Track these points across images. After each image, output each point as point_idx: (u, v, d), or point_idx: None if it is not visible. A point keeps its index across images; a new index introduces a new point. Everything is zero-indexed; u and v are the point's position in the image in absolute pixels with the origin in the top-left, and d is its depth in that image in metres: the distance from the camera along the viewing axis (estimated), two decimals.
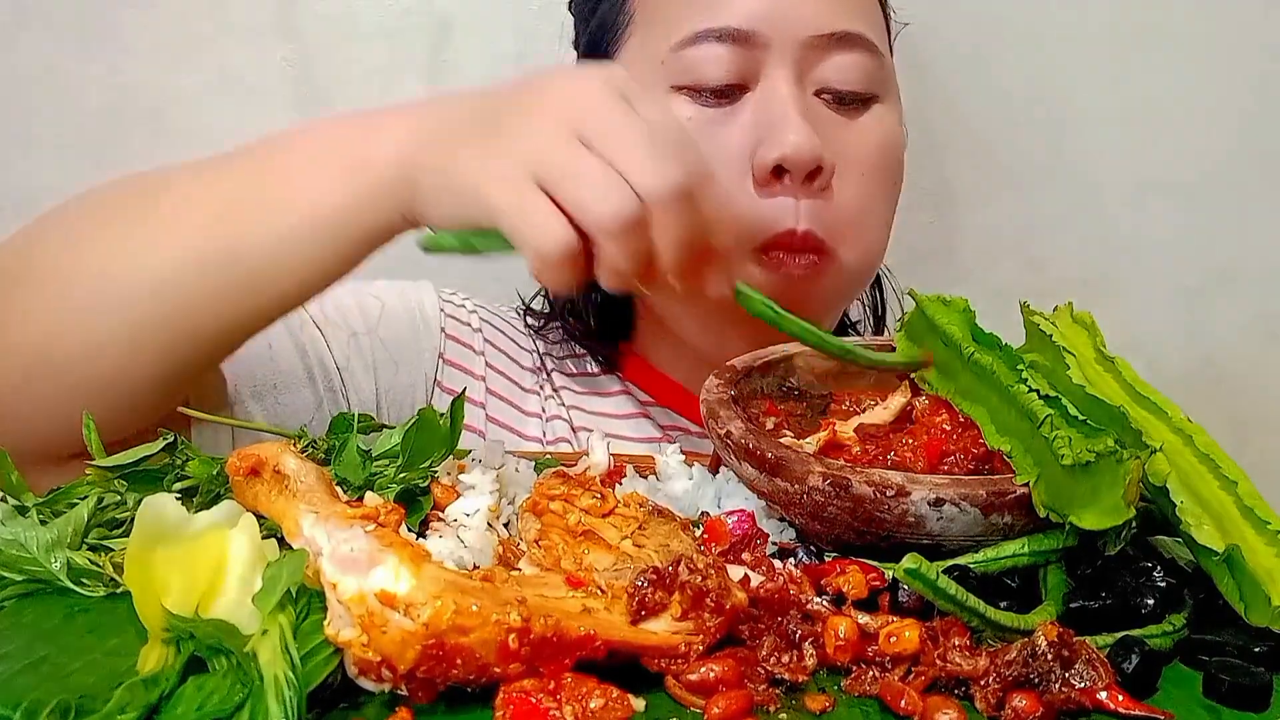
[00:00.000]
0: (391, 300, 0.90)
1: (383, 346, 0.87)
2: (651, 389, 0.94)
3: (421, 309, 0.91)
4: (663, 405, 0.94)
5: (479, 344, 0.92)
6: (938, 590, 0.46)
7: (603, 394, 0.95)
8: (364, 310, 0.88)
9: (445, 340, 0.91)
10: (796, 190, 0.78)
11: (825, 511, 0.53)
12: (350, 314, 0.87)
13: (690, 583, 0.46)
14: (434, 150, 0.62)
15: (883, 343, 0.69)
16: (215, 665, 0.42)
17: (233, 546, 0.48)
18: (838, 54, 0.81)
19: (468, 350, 0.91)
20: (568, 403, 0.94)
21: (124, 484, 0.58)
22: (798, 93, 0.80)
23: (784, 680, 0.45)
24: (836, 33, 0.80)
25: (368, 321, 0.87)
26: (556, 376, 0.95)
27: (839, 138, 0.81)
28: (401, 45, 1.13)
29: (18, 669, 0.44)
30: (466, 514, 0.57)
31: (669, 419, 0.93)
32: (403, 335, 0.89)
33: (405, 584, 0.42)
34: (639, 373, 0.95)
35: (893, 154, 0.86)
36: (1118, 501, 0.47)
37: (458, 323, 0.92)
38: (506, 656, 0.42)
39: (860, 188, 0.82)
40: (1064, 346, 0.58)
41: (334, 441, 0.63)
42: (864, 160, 0.82)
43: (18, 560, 0.51)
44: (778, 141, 0.77)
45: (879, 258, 0.89)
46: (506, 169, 0.57)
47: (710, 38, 0.80)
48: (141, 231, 0.67)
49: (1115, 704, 0.43)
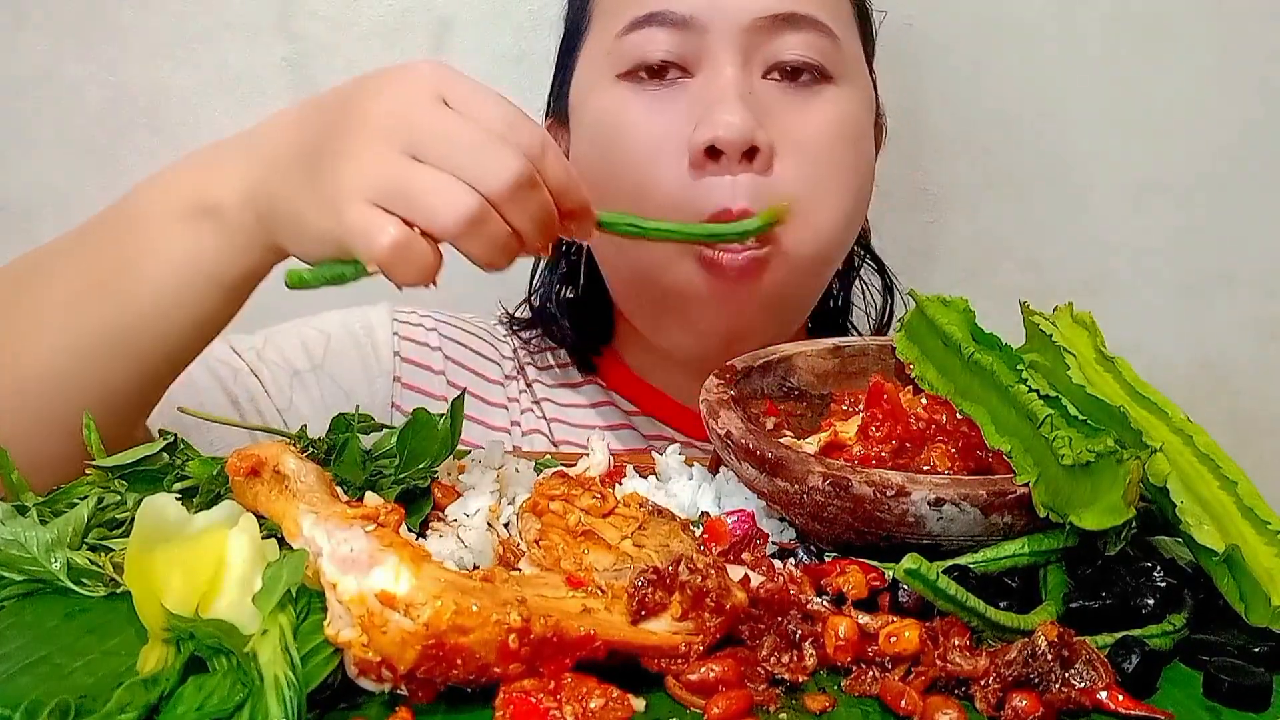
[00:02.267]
0: (337, 331, 0.89)
1: (331, 380, 0.87)
2: (635, 397, 0.93)
3: (371, 336, 0.90)
4: (646, 414, 0.92)
5: (438, 363, 0.91)
6: (938, 590, 0.46)
7: (586, 404, 0.94)
8: (307, 347, 0.87)
9: (400, 364, 0.90)
10: (731, 170, 0.77)
11: (825, 511, 0.53)
12: (292, 353, 0.86)
13: (690, 583, 0.46)
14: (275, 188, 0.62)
15: (883, 343, 0.69)
16: (215, 665, 0.42)
17: (233, 546, 0.48)
18: (788, 34, 0.80)
19: (425, 371, 0.90)
20: (549, 414, 0.93)
21: (124, 484, 0.58)
22: (740, 76, 0.79)
23: (784, 680, 0.45)
24: (782, 14, 0.79)
25: (312, 358, 0.87)
26: (538, 388, 0.94)
27: (786, 118, 0.80)
28: (401, 45, 1.13)
29: (18, 669, 0.44)
30: (466, 514, 0.57)
31: (653, 428, 0.92)
32: (351, 366, 0.88)
33: (405, 584, 0.42)
34: (621, 380, 0.94)
35: (847, 138, 0.83)
36: (1118, 501, 0.47)
37: (413, 344, 0.91)
38: (506, 656, 0.42)
39: (806, 169, 0.80)
40: (1064, 346, 0.58)
41: (334, 441, 0.63)
42: (812, 141, 0.80)
43: (18, 560, 0.51)
44: (710, 123, 0.76)
45: (836, 246, 0.85)
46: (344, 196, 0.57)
47: (652, 22, 0.80)
48: (17, 326, 0.67)
49: (1115, 704, 0.43)
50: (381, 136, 0.58)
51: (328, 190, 0.58)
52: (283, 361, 0.86)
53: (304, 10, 1.12)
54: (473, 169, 0.57)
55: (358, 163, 0.58)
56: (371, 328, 0.90)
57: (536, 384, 0.94)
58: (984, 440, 0.56)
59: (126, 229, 0.67)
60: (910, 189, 1.16)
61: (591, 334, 0.94)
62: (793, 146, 0.79)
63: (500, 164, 0.57)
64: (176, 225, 0.65)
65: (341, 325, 0.90)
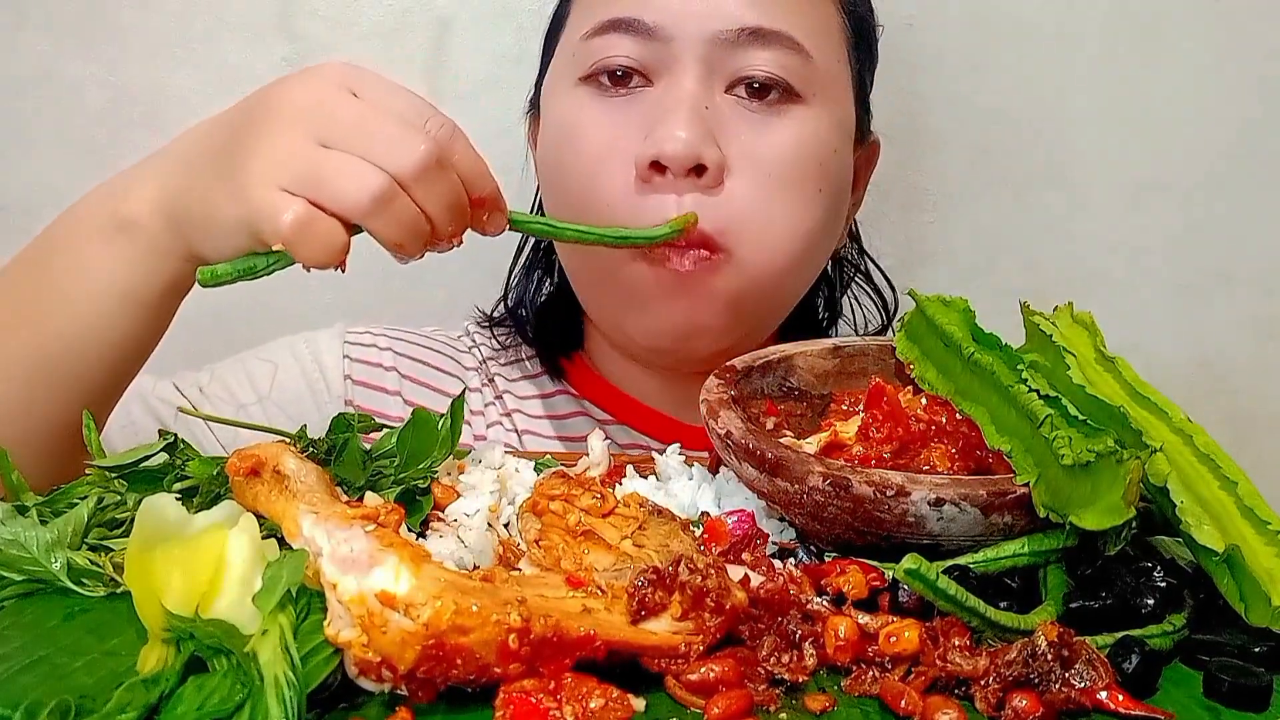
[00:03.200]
0: (285, 360, 0.88)
1: (279, 410, 0.86)
2: (608, 406, 0.92)
3: (319, 361, 0.89)
4: (621, 423, 0.91)
5: (392, 383, 0.90)
6: (938, 590, 0.46)
7: (557, 415, 0.93)
8: (252, 379, 0.87)
9: (351, 386, 0.88)
10: (678, 186, 0.76)
11: (825, 511, 0.53)
12: (236, 387, 0.86)
13: (690, 583, 0.46)
14: (187, 189, 0.63)
15: (883, 343, 0.69)
16: (215, 665, 0.42)
17: (233, 546, 0.48)
18: (755, 50, 0.78)
19: (379, 393, 0.89)
20: (520, 426, 0.91)
21: (124, 484, 0.58)
22: (699, 90, 0.77)
23: (784, 680, 0.45)
24: (748, 28, 0.77)
25: (258, 390, 0.86)
26: (509, 399, 0.93)
27: (744, 135, 0.78)
28: (401, 45, 1.13)
29: (18, 669, 0.44)
30: (467, 514, 0.57)
31: (628, 437, 0.91)
32: (300, 394, 0.87)
33: (405, 584, 0.42)
34: (593, 388, 0.93)
35: (809, 158, 0.80)
36: (1118, 501, 0.47)
37: (365, 365, 0.90)
38: (506, 656, 0.42)
39: (760, 188, 0.78)
40: (1064, 346, 0.58)
41: (334, 442, 0.63)
42: (770, 161, 0.78)
43: (18, 560, 0.51)
44: (657, 137, 0.75)
45: (796, 262, 0.82)
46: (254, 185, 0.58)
47: (615, 28, 0.79)
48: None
49: (1115, 704, 0.43)
50: (290, 126, 0.59)
51: (238, 179, 0.59)
52: (228, 396, 0.85)
53: (304, 10, 1.12)
54: (380, 150, 0.58)
55: (268, 151, 0.59)
56: (320, 353, 0.89)
57: (507, 395, 0.93)
58: (984, 440, 0.56)
59: (48, 253, 0.67)
60: (910, 189, 1.16)
61: (561, 336, 0.93)
62: (748, 164, 0.78)
63: (408, 146, 0.58)
64: (93, 245, 0.65)
65: (289, 353, 0.89)
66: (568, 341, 0.94)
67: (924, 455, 0.57)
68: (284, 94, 0.61)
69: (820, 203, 0.81)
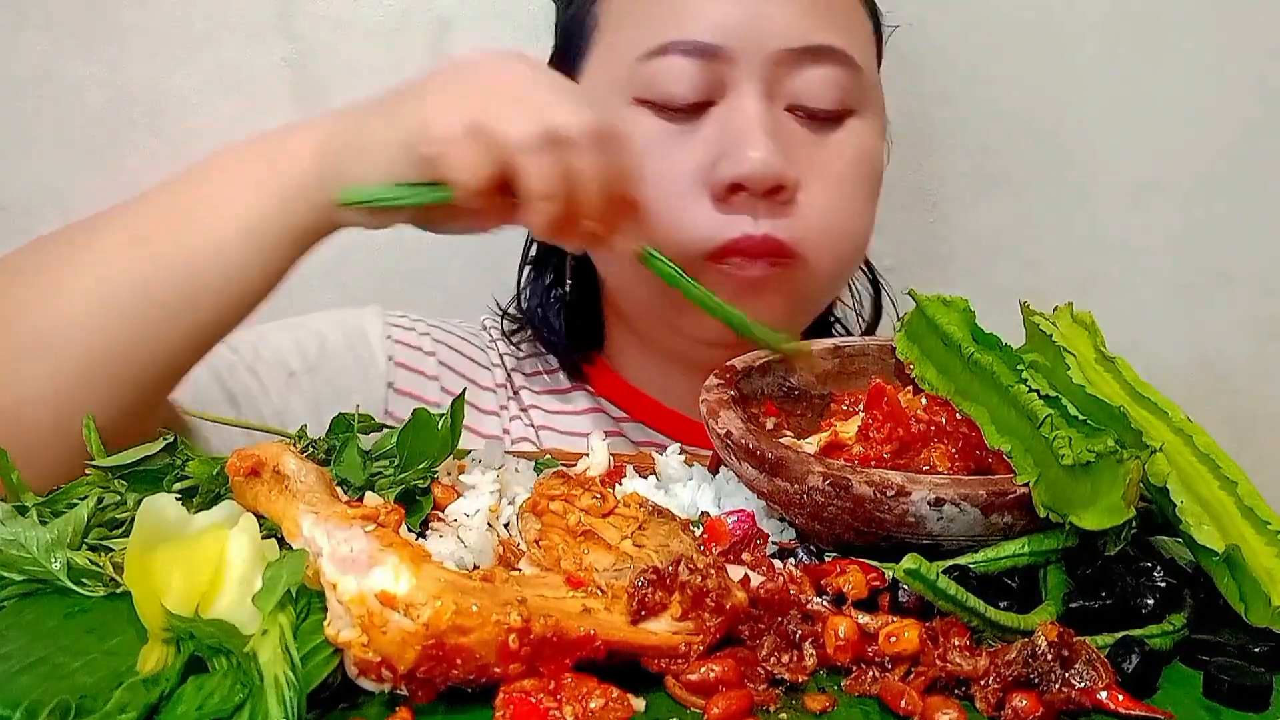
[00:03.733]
0: (332, 334, 0.88)
1: (326, 382, 0.85)
2: (624, 403, 0.92)
3: (365, 339, 0.89)
4: (636, 420, 0.91)
5: (431, 368, 0.90)
6: (938, 590, 0.46)
7: (574, 411, 0.93)
8: (302, 348, 0.86)
9: (393, 368, 0.88)
10: (755, 206, 0.77)
11: (825, 511, 0.53)
12: (288, 354, 0.85)
13: (690, 583, 0.46)
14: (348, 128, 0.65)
15: (883, 343, 0.69)
16: (215, 665, 0.42)
17: (233, 546, 0.48)
18: (810, 68, 0.78)
19: (419, 376, 0.89)
20: (537, 422, 0.92)
21: (124, 484, 0.58)
22: (764, 108, 0.78)
23: (784, 680, 0.45)
24: (809, 46, 0.78)
25: (306, 360, 0.86)
26: (525, 394, 0.93)
27: (809, 154, 0.79)
28: (401, 45, 1.13)
29: (18, 669, 0.44)
30: (467, 514, 0.57)
31: (643, 434, 0.91)
32: (346, 369, 0.87)
33: (405, 584, 0.42)
34: (610, 386, 0.93)
35: (867, 167, 0.83)
36: (1118, 501, 0.47)
37: (407, 348, 0.90)
38: (506, 656, 0.42)
39: (829, 201, 0.80)
40: (1064, 346, 0.58)
41: (334, 442, 0.63)
42: (835, 175, 0.80)
43: (18, 560, 0.51)
44: (737, 159, 0.76)
45: (853, 264, 0.88)
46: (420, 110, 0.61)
47: (676, 51, 0.77)
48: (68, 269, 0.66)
49: (1115, 704, 0.43)
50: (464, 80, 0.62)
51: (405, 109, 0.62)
52: (278, 361, 0.85)
53: (304, 10, 1.12)
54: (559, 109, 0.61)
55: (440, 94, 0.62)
56: (365, 331, 0.89)
57: (524, 391, 0.93)
58: (984, 440, 0.56)
59: (189, 187, 0.68)
60: (910, 189, 1.16)
61: (582, 339, 0.93)
62: (815, 179, 0.79)
63: (578, 111, 0.61)
64: (242, 182, 0.66)
65: (336, 327, 0.89)
66: (587, 343, 0.94)
67: (924, 455, 0.57)
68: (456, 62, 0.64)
69: (872, 206, 0.86)
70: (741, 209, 0.77)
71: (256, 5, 1.12)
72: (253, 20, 1.12)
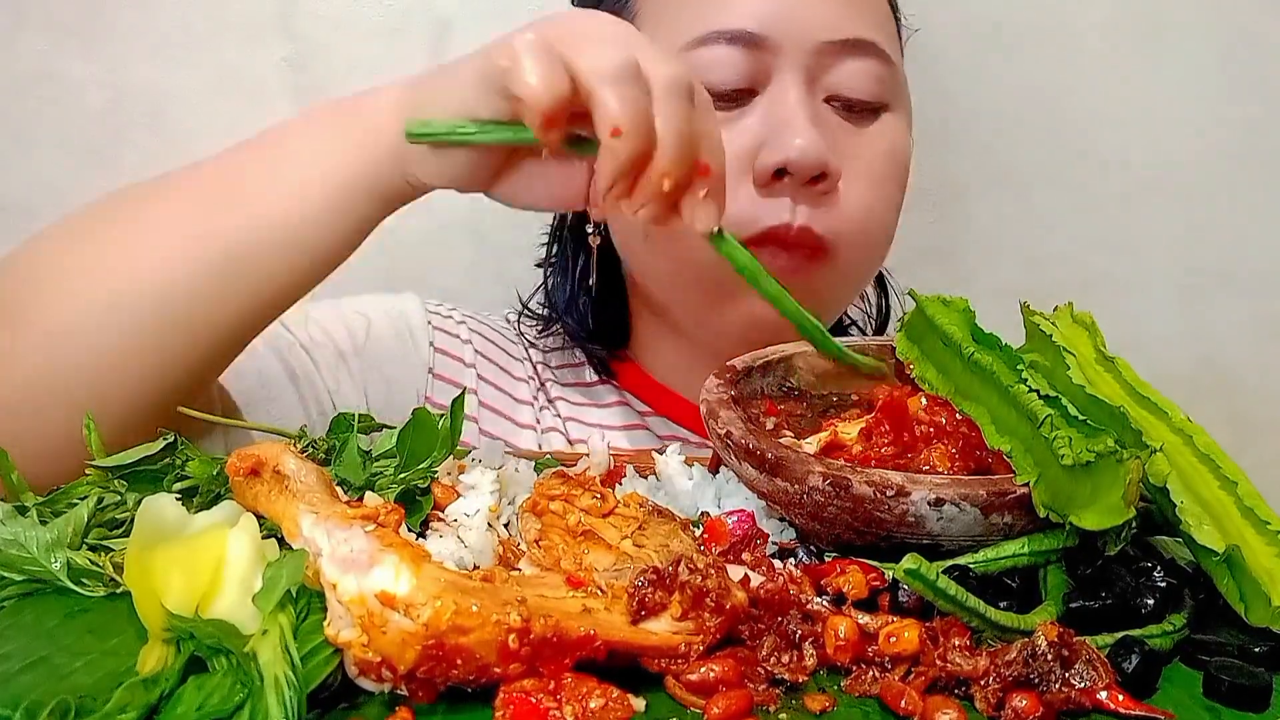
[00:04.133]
0: (377, 317, 0.88)
1: (373, 366, 0.86)
2: (649, 398, 0.93)
3: (409, 324, 0.89)
4: (661, 414, 0.92)
5: (469, 356, 0.90)
6: (938, 590, 0.46)
7: (600, 404, 0.93)
8: (350, 330, 0.86)
9: (434, 354, 0.89)
10: (796, 192, 0.78)
11: (825, 511, 0.53)
12: (337, 335, 0.85)
13: (690, 583, 0.46)
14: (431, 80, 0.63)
15: (883, 343, 0.69)
16: (215, 665, 0.42)
17: (233, 546, 0.48)
18: (850, 60, 0.80)
19: (458, 363, 0.90)
20: (564, 414, 0.92)
21: (124, 484, 0.58)
22: (807, 98, 0.79)
23: (784, 680, 0.45)
24: (850, 39, 0.79)
25: (355, 341, 0.86)
26: (552, 387, 0.94)
27: (848, 145, 0.81)
28: (401, 45, 1.13)
29: (18, 669, 0.44)
30: (467, 514, 0.57)
31: (667, 428, 0.92)
32: (392, 353, 0.87)
33: (405, 584, 0.42)
34: (636, 381, 0.93)
35: (900, 162, 0.85)
36: (1118, 501, 0.47)
37: (446, 335, 0.90)
38: (506, 656, 0.42)
39: (867, 194, 0.81)
40: (1064, 346, 0.58)
41: (334, 441, 0.63)
42: (872, 167, 0.82)
43: (18, 560, 0.51)
44: (782, 145, 0.77)
45: (877, 264, 0.89)
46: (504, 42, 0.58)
47: (720, 40, 0.78)
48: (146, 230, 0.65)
49: (1115, 704, 0.43)
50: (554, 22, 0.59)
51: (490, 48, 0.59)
52: (329, 342, 0.85)
53: (304, 10, 1.12)
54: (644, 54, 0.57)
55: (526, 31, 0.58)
56: (408, 315, 0.89)
57: (550, 383, 0.94)
58: (984, 440, 0.56)
59: (270, 145, 0.67)
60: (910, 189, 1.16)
61: (609, 335, 0.94)
62: (854, 171, 0.80)
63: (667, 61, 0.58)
64: (323, 142, 0.65)
65: (381, 310, 0.89)
66: (614, 339, 0.94)
67: (924, 455, 0.57)
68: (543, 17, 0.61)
69: (900, 201, 0.87)
70: (780, 194, 0.78)
71: (256, 5, 1.12)
72: (253, 20, 1.12)
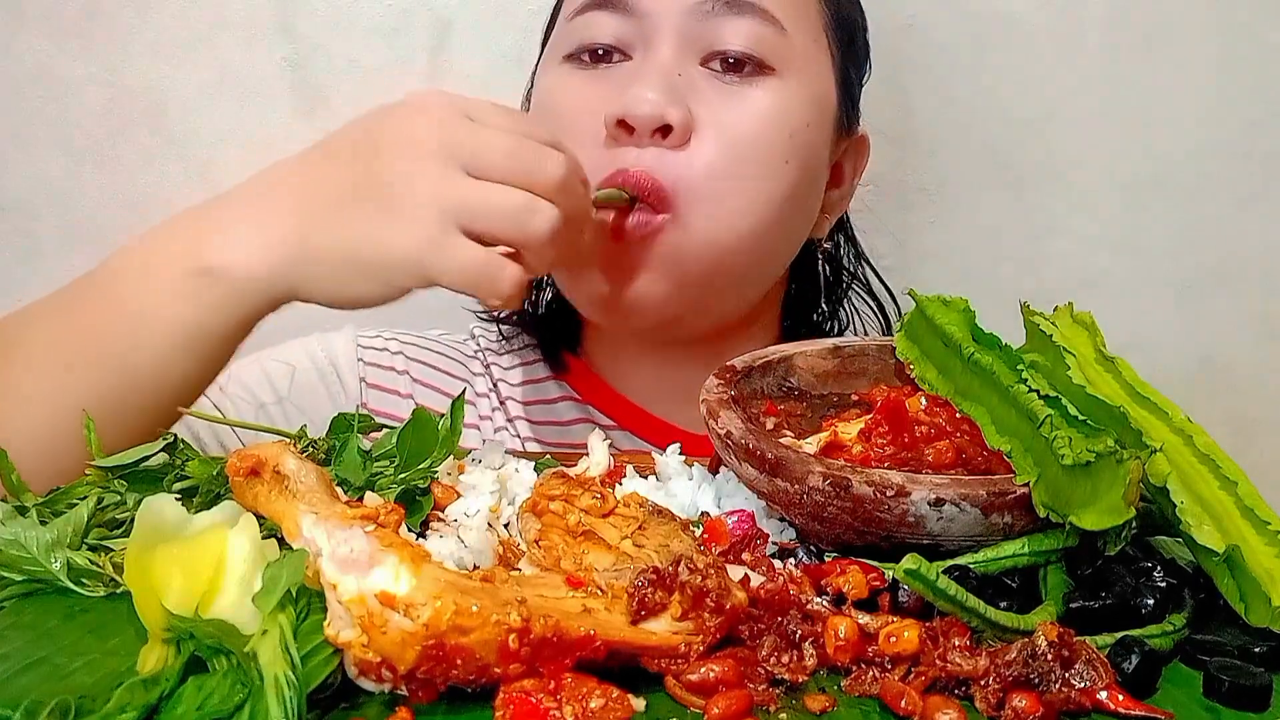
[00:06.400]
0: (301, 362, 0.88)
1: (298, 411, 0.85)
2: (610, 411, 0.91)
3: (335, 364, 0.89)
4: (624, 429, 0.91)
5: (404, 386, 0.90)
6: (938, 590, 0.46)
7: (561, 423, 0.92)
8: (271, 380, 0.86)
9: (366, 389, 0.89)
10: (642, 143, 0.77)
11: (825, 511, 0.53)
12: (256, 387, 0.86)
13: (690, 583, 0.46)
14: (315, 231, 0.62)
15: (882, 343, 0.69)
16: (215, 665, 0.42)
17: (233, 546, 0.48)
18: (729, 19, 0.80)
19: (392, 395, 0.89)
20: (523, 434, 0.91)
21: (124, 484, 0.58)
22: (673, 59, 0.79)
23: (784, 680, 0.45)
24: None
25: (276, 390, 0.86)
26: (512, 405, 0.92)
27: (715, 103, 0.79)
28: (401, 45, 1.13)
29: (18, 669, 0.44)
30: (467, 514, 0.57)
31: (631, 443, 0.90)
32: (318, 395, 0.87)
33: (405, 584, 0.42)
34: (593, 390, 0.92)
35: (777, 129, 0.80)
36: (1118, 501, 0.47)
37: (379, 369, 0.90)
38: (506, 657, 0.42)
39: (723, 153, 0.78)
40: (1064, 346, 0.58)
41: (334, 442, 0.63)
42: (737, 127, 0.79)
43: (18, 560, 0.51)
44: (625, 99, 0.77)
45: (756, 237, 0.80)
46: (418, 225, 0.59)
47: (595, 7, 0.81)
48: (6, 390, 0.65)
49: (1115, 704, 0.43)
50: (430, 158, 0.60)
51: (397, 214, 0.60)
52: (248, 395, 0.85)
53: (304, 10, 1.12)
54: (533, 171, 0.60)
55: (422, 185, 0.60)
56: (335, 355, 0.89)
57: (510, 401, 0.93)
58: (984, 440, 0.56)
59: (115, 297, 0.66)
60: (910, 189, 1.16)
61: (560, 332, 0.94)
62: (715, 129, 0.79)
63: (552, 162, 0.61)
64: (173, 290, 0.64)
65: (305, 355, 0.89)
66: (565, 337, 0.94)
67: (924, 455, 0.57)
68: (406, 126, 0.62)
69: (786, 176, 0.81)
70: (627, 145, 0.78)
71: (256, 5, 1.12)
72: (253, 20, 1.12)
